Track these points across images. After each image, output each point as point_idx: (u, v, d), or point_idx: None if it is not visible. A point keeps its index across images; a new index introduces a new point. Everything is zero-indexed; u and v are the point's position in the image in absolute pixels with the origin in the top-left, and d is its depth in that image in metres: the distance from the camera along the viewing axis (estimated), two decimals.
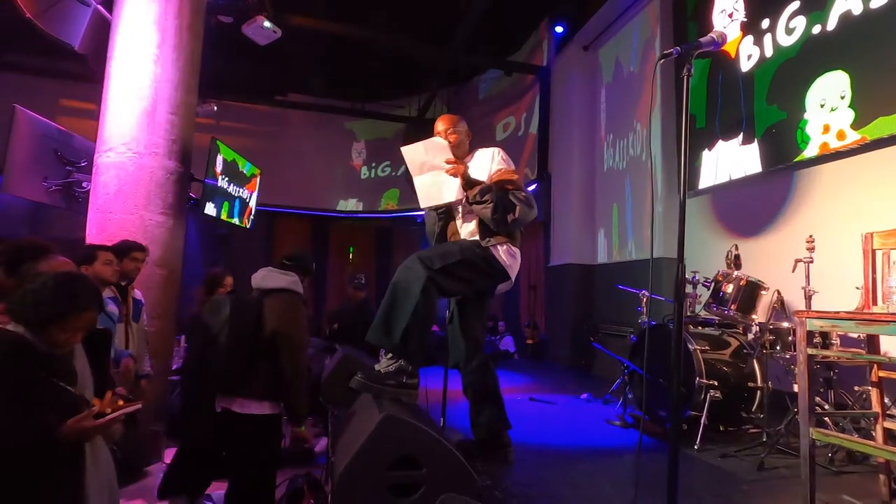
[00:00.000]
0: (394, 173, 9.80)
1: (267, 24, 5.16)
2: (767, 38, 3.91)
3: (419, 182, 2.30)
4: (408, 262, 2.24)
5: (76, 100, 7.23)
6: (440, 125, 2.43)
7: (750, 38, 4.07)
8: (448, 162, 2.20)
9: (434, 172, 2.22)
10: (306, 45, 7.25)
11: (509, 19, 6.79)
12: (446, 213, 2.45)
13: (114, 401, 1.48)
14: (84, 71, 5.13)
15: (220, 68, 6.06)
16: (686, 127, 1.58)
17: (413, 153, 2.25)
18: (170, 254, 4.10)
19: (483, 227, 2.29)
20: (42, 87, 6.87)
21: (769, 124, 3.82)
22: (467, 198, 2.23)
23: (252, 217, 5.33)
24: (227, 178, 4.59)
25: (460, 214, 2.39)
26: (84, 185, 4.53)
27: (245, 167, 5.01)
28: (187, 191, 4.44)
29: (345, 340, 5.22)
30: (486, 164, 2.35)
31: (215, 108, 6.77)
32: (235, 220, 4.83)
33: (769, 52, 3.89)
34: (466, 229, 2.37)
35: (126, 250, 2.59)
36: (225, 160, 4.62)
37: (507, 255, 2.29)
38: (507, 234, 2.29)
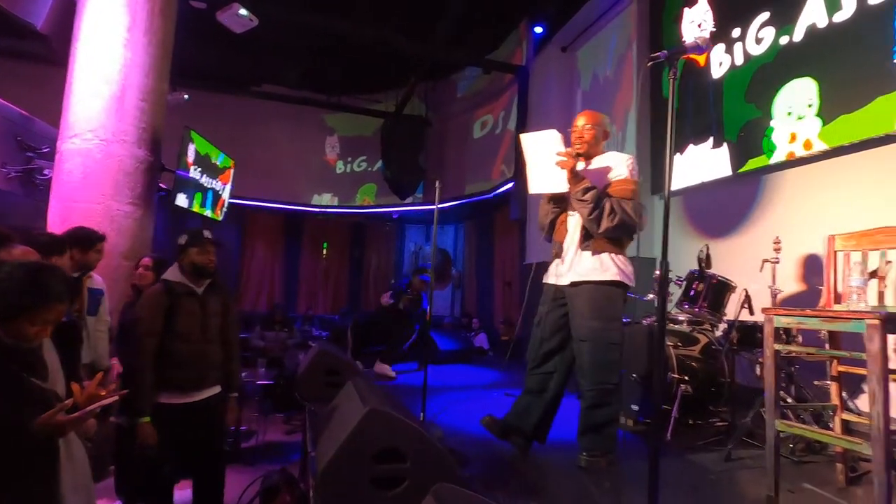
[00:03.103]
0: (370, 168, 9.72)
1: (243, 11, 5.03)
2: (738, 46, 4.05)
3: (532, 169, 2.40)
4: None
5: (38, 83, 6.88)
6: (581, 120, 2.48)
7: (722, 47, 4.21)
8: (560, 154, 2.27)
9: (546, 162, 2.30)
10: (282, 35, 7.11)
11: (489, 18, 6.82)
12: (561, 204, 2.46)
13: (90, 395, 1.43)
14: (47, 52, 4.89)
15: (192, 56, 5.88)
16: (672, 127, 1.62)
17: (530, 141, 2.38)
18: (138, 245, 3.96)
19: (585, 231, 2.32)
20: (1, 67, 6.51)
21: (745, 121, 3.94)
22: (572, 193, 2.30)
23: (225, 209, 5.20)
24: (199, 169, 4.47)
25: (572, 209, 2.40)
26: (46, 172, 4.32)
27: (218, 158, 4.88)
28: (157, 181, 4.30)
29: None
30: (613, 167, 2.38)
31: (186, 97, 6.55)
32: (208, 212, 4.70)
33: (739, 61, 4.04)
34: (572, 223, 2.41)
35: (92, 241, 2.49)
36: (197, 150, 4.49)
37: (622, 263, 2.33)
38: (610, 242, 2.31)
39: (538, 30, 6.39)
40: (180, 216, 4.60)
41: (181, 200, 4.25)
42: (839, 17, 3.29)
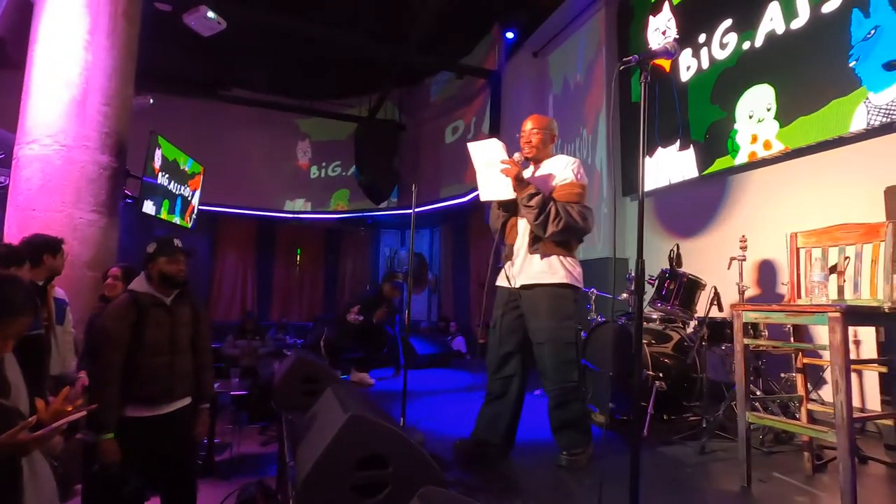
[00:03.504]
0: (344, 173, 9.63)
1: (211, 14, 4.93)
2: (704, 51, 4.20)
3: (481, 177, 2.43)
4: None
5: None
6: (528, 124, 2.51)
7: (689, 51, 4.35)
8: (503, 162, 2.29)
9: (493, 170, 2.33)
10: (251, 38, 6.99)
11: (461, 23, 6.87)
12: (510, 209, 2.47)
13: (55, 411, 1.36)
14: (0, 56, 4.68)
15: (157, 59, 5.72)
16: (644, 130, 1.67)
17: (477, 149, 2.40)
18: (102, 254, 3.82)
19: (534, 234, 2.34)
20: None
21: (711, 122, 4.08)
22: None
23: (194, 216, 5.06)
24: (167, 175, 4.33)
25: (522, 213, 2.42)
26: (1, 179, 4.13)
27: (187, 164, 4.75)
28: (122, 187, 4.17)
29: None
30: (558, 171, 2.40)
31: (151, 101, 6.37)
32: (177, 219, 4.56)
33: (705, 65, 4.18)
34: (521, 226, 2.42)
35: (57, 245, 2.39)
36: (164, 156, 4.36)
37: (570, 266, 2.34)
38: (558, 245, 2.32)
39: (510, 35, 6.47)
40: (147, 224, 4.46)
41: (148, 208, 4.12)
42: (796, 24, 3.45)
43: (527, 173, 2.44)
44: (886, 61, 2.89)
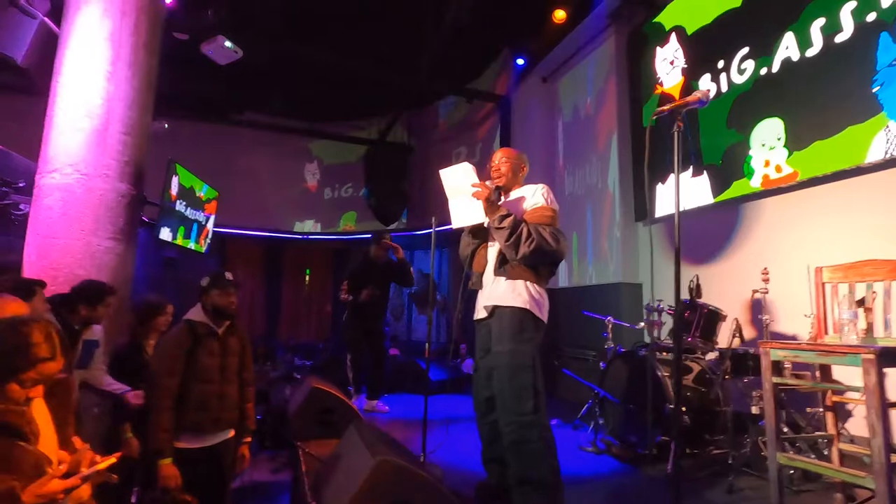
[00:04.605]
0: (355, 194, 9.70)
1: (228, 43, 5.04)
2: (723, 76, 4.22)
3: (452, 203, 2.42)
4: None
5: (14, 115, 6.69)
6: (498, 154, 2.52)
7: (707, 76, 4.37)
8: (474, 185, 2.28)
9: (464, 195, 2.32)
10: (264, 63, 7.12)
11: (471, 47, 6.97)
12: (481, 236, 2.46)
13: (81, 459, 1.35)
14: (24, 84, 4.78)
15: (169, 84, 5.83)
16: (678, 175, 1.67)
17: (449, 176, 2.39)
18: (119, 282, 3.83)
19: (501, 256, 2.29)
20: None
21: (727, 145, 4.10)
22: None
23: (208, 240, 5.09)
24: (184, 202, 4.38)
25: (492, 239, 2.39)
26: (22, 207, 4.18)
27: (202, 189, 4.80)
28: (140, 214, 4.20)
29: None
30: (528, 197, 2.39)
31: (166, 125, 6.48)
32: (191, 244, 4.59)
33: (724, 88, 4.19)
34: (491, 254, 2.39)
35: (102, 294, 2.44)
36: (182, 183, 4.41)
37: (535, 292, 2.25)
38: (527, 270, 2.25)
39: (520, 61, 6.56)
40: (155, 247, 4.47)
41: (165, 234, 4.15)
42: (811, 52, 3.49)
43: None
44: None
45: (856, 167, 3.16)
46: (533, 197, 2.37)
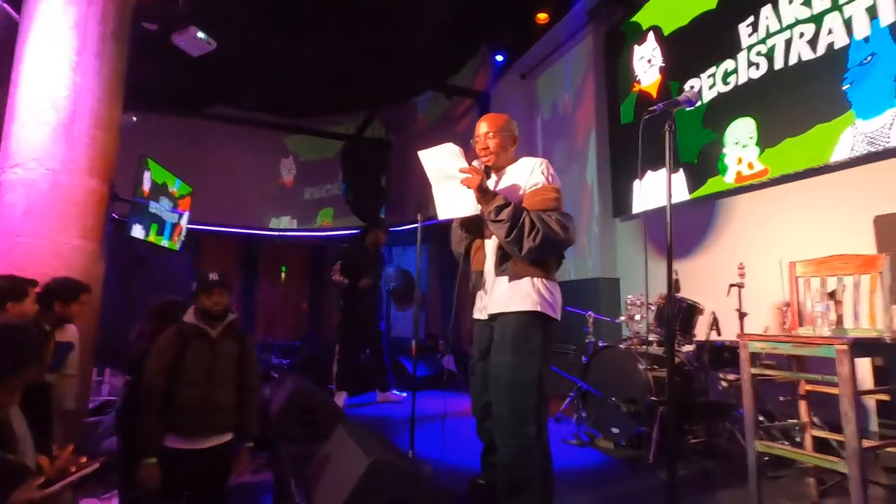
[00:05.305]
0: (331, 190, 9.58)
1: (201, 34, 4.88)
2: (697, 81, 4.31)
3: (437, 191, 2.06)
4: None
5: None
6: (483, 126, 2.13)
7: (685, 78, 4.45)
8: (462, 171, 1.92)
9: (451, 182, 1.97)
10: (237, 55, 6.94)
11: (449, 43, 6.95)
12: (474, 229, 2.10)
13: (61, 467, 1.30)
14: None
15: (137, 75, 5.62)
16: (669, 175, 1.70)
17: (429, 159, 2.03)
18: (90, 281, 3.67)
19: (501, 252, 1.97)
20: None
21: (703, 144, 4.20)
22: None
23: (182, 237, 4.95)
24: (157, 198, 4.23)
25: (490, 232, 2.04)
26: None
27: (175, 185, 4.65)
28: (110, 212, 4.06)
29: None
30: (525, 176, 2.01)
31: (134, 118, 6.24)
32: (165, 242, 4.45)
33: (706, 89, 4.24)
34: (490, 247, 2.05)
35: (77, 292, 2.35)
36: (154, 179, 4.26)
37: (544, 290, 1.93)
38: (531, 264, 1.92)
39: (499, 58, 6.58)
40: (124, 244, 4.30)
41: (137, 231, 4.01)
42: (778, 65, 3.61)
43: (489, 184, 2.07)
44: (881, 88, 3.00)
45: (823, 165, 3.29)
46: (531, 176, 2.00)
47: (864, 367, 2.87)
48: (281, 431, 3.03)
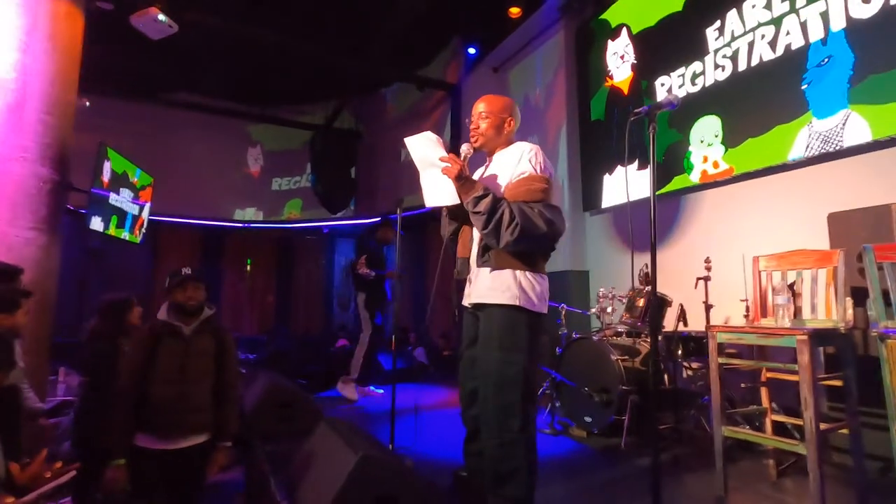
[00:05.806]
0: (299, 182, 9.37)
1: (162, 17, 4.65)
2: (666, 79, 4.42)
3: (423, 178, 2.00)
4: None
5: None
6: (479, 105, 2.03)
7: (652, 78, 4.57)
8: (442, 160, 1.86)
9: (434, 170, 1.91)
10: (199, 39, 6.65)
11: (422, 34, 6.88)
12: (461, 216, 2.02)
13: (34, 474, 1.24)
14: None
15: (96, 59, 5.32)
16: (654, 172, 1.74)
17: (415, 146, 1.97)
18: (43, 276, 3.51)
19: (483, 242, 1.91)
20: None
21: (668, 144, 4.33)
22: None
23: (143, 230, 4.73)
24: (116, 189, 4.03)
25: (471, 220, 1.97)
26: None
27: (136, 175, 4.44)
28: (65, 202, 3.84)
29: None
30: (512, 164, 1.91)
31: (87, 103, 5.92)
32: (125, 235, 4.25)
33: (676, 89, 4.38)
34: (476, 235, 1.99)
35: (15, 301, 2.15)
36: (114, 169, 4.05)
37: (527, 283, 1.85)
38: (514, 256, 1.85)
39: (471, 51, 6.57)
40: (78, 236, 4.09)
41: (96, 224, 3.81)
42: (741, 67, 3.76)
43: (480, 171, 2.04)
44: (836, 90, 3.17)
45: (781, 164, 3.46)
46: (519, 163, 1.90)
47: (817, 354, 3.07)
48: (257, 428, 2.96)
